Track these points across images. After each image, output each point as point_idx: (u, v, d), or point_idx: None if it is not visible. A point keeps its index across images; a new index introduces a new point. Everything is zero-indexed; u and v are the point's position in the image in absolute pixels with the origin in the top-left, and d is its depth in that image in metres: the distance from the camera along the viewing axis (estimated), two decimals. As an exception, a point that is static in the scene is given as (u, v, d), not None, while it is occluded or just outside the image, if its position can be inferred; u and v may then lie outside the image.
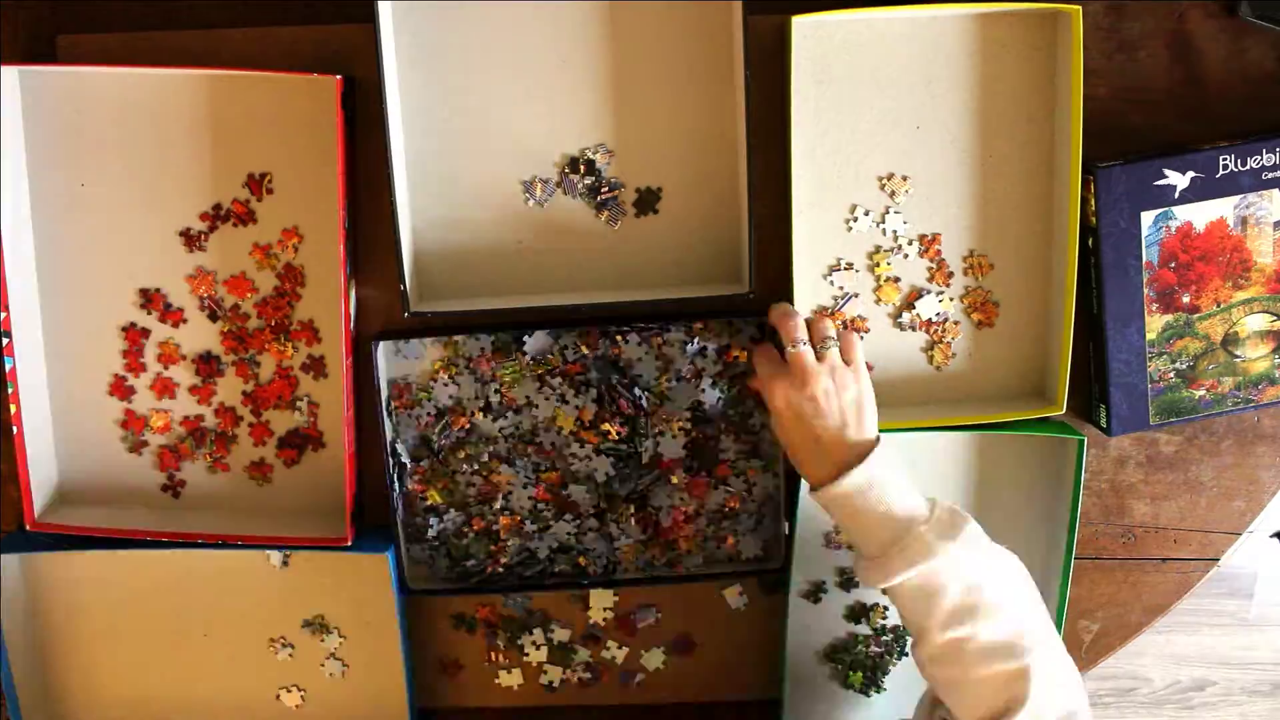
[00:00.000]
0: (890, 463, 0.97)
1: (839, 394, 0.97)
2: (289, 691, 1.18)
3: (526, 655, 1.18)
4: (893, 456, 0.98)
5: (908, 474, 0.99)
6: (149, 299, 1.09)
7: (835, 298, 1.09)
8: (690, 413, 1.10)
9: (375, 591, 1.13)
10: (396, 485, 1.11)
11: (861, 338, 1.09)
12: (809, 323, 1.01)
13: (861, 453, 0.96)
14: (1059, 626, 1.11)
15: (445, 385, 1.09)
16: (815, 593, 1.16)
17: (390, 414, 1.09)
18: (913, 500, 0.96)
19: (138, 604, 1.15)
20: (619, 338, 1.08)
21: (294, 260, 1.08)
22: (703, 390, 1.09)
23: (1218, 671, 2.21)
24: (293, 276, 1.08)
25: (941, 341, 1.10)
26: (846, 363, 0.99)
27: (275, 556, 1.14)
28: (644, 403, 1.09)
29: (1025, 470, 1.13)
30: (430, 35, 1.04)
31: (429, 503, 1.12)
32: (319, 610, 1.16)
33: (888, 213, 1.07)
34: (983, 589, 0.93)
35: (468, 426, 1.10)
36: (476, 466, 1.11)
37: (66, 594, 1.15)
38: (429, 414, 1.10)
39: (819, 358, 0.98)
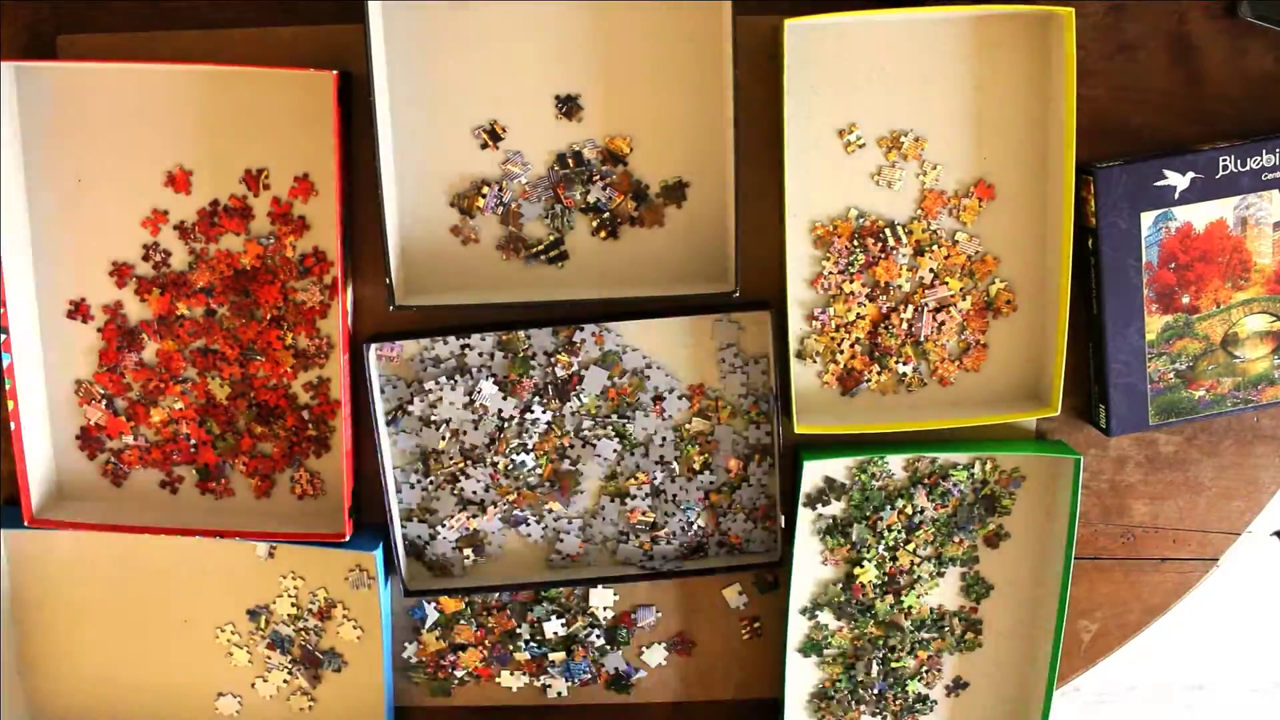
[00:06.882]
0: None
1: None
2: (264, 680, 1.18)
3: (524, 653, 1.18)
4: None
5: None
6: (146, 294, 1.09)
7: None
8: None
9: (362, 588, 1.13)
10: (393, 486, 1.11)
11: (856, 344, 1.09)
12: None
13: None
14: (1058, 631, 1.11)
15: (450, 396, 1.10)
16: (812, 610, 1.16)
17: (390, 419, 1.10)
18: None
19: (118, 586, 1.15)
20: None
21: (291, 256, 1.08)
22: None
23: (1217, 670, 2.21)
24: (290, 271, 1.08)
25: (937, 344, 1.10)
26: None
27: (261, 548, 1.14)
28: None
29: (1025, 482, 1.13)
30: (424, 35, 1.04)
31: (429, 505, 1.12)
32: (302, 602, 1.16)
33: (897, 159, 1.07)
34: None
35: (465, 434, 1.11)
36: (474, 471, 1.11)
37: (43, 571, 1.15)
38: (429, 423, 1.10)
39: None
